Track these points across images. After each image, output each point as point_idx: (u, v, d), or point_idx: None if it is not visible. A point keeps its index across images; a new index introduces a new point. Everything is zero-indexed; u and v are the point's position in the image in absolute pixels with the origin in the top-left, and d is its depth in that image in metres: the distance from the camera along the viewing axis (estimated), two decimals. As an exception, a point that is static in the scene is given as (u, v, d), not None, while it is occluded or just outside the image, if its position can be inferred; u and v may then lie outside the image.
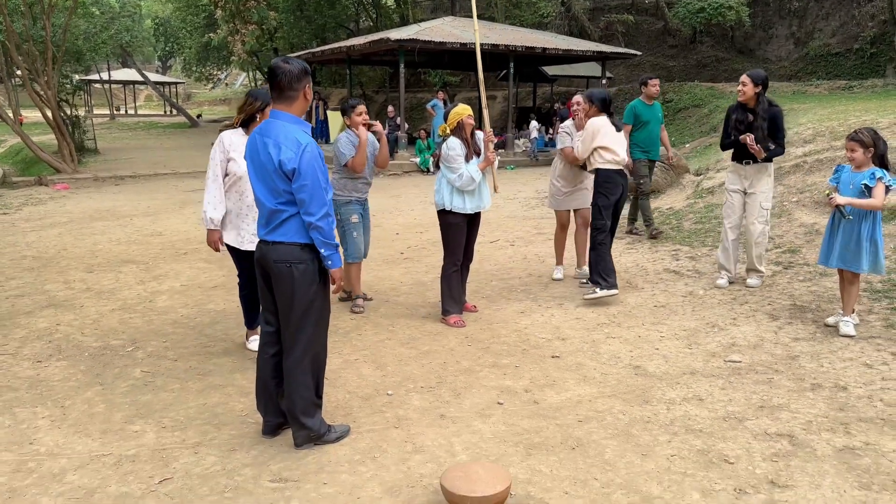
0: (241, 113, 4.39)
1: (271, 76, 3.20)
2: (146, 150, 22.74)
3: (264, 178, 3.20)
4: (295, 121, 3.22)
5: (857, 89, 18.04)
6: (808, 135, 9.30)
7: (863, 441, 3.34)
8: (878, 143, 4.60)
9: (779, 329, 4.88)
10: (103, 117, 38.41)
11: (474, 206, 5.26)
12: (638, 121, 7.88)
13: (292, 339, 3.31)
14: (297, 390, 3.34)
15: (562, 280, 6.43)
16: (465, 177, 5.10)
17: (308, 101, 3.29)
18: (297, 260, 3.22)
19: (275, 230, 3.23)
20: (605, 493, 2.99)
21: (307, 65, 3.29)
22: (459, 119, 5.19)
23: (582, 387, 4.09)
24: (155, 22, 42.20)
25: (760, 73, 5.75)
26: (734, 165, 5.91)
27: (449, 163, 5.17)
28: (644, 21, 27.04)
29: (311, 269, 3.26)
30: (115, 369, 4.46)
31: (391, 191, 13.07)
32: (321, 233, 3.18)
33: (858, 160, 4.64)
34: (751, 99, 5.70)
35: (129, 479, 3.15)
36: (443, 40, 16.38)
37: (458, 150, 5.15)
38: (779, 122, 5.65)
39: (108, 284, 6.49)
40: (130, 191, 13.53)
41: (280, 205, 3.19)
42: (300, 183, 3.11)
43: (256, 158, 3.23)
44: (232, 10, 23.82)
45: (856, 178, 4.64)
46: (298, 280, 3.23)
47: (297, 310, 3.26)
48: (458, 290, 5.41)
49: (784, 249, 6.61)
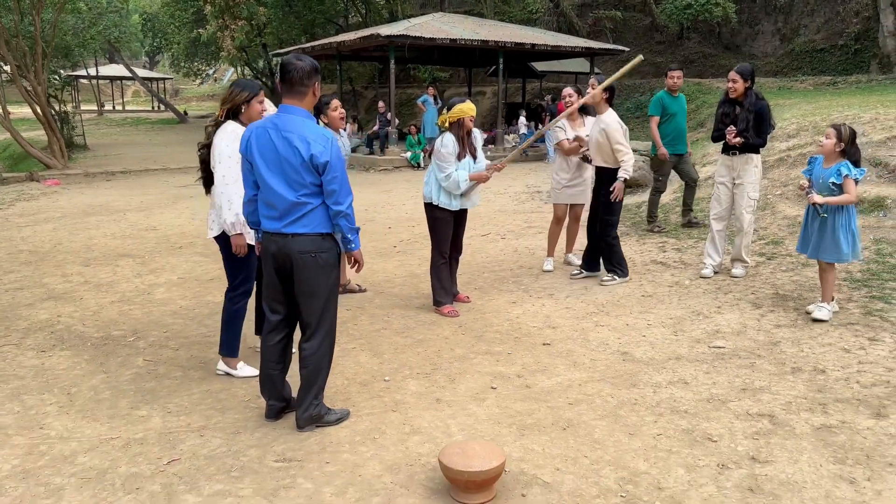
0: (227, 104, 4.03)
1: (283, 72, 3.31)
2: (135, 146, 22.73)
3: (285, 171, 3.26)
4: (309, 116, 3.35)
5: (842, 85, 18.29)
6: (791, 129, 9.50)
7: (839, 420, 3.51)
8: (850, 147, 4.74)
9: (761, 317, 5.05)
10: (91, 113, 38.22)
11: (460, 205, 5.32)
12: (665, 112, 7.63)
13: (316, 325, 3.45)
14: (317, 374, 3.50)
15: (551, 272, 6.58)
16: (453, 180, 5.14)
17: (317, 98, 3.41)
18: (321, 249, 3.37)
19: (296, 222, 3.31)
20: (595, 469, 3.14)
21: (317, 63, 3.40)
22: (461, 117, 5.14)
23: (572, 372, 4.24)
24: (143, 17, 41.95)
25: (748, 68, 5.93)
26: (723, 157, 6.08)
27: (440, 160, 5.18)
28: (632, 17, 27.23)
29: (333, 256, 3.43)
30: (119, 358, 4.57)
31: (383, 186, 13.19)
32: (349, 219, 3.36)
33: (827, 148, 4.76)
34: (741, 94, 5.88)
35: (139, 460, 3.27)
36: (432, 36, 16.48)
37: (451, 147, 5.14)
38: (765, 115, 5.82)
39: (105, 277, 6.59)
40: (122, 186, 13.57)
41: (303, 197, 3.28)
42: (332, 175, 3.25)
43: (272, 153, 3.27)
44: (221, 5, 23.80)
45: (825, 173, 4.80)
46: (322, 268, 3.38)
47: (321, 297, 3.41)
48: (448, 280, 5.51)
49: (768, 241, 6.80)
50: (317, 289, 3.39)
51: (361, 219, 9.04)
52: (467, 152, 5.25)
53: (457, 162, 5.18)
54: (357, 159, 17.52)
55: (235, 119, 4.03)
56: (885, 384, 3.87)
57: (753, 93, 5.87)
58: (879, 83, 16.61)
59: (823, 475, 3.04)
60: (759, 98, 5.86)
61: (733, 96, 5.92)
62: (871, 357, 4.23)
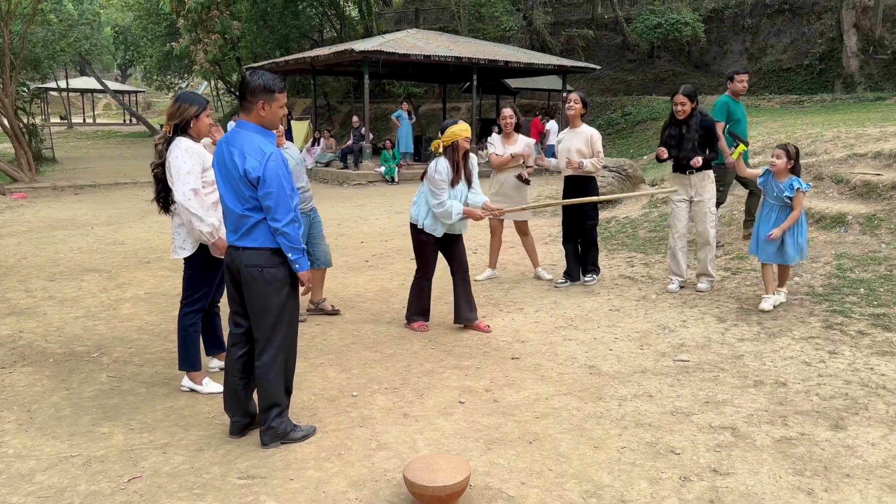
0: (175, 119, 3.92)
1: (238, 86, 3.36)
2: (105, 160, 22.48)
3: (231, 185, 3.33)
4: (258, 130, 3.34)
5: (808, 104, 18.73)
6: (757, 147, 9.70)
7: (799, 432, 3.58)
8: (797, 163, 5.44)
9: (725, 330, 5.13)
10: (61, 126, 37.73)
11: (443, 231, 5.16)
12: (729, 118, 7.03)
13: (266, 342, 3.43)
14: (269, 390, 3.46)
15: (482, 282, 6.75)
16: (446, 210, 4.96)
17: (263, 116, 3.32)
18: (268, 264, 3.35)
19: (244, 236, 3.36)
20: (559, 482, 3.16)
21: (277, 82, 3.33)
22: (456, 140, 4.97)
23: (540, 386, 4.26)
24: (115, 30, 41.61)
25: (692, 89, 6.07)
26: (677, 177, 6.15)
27: (434, 186, 4.97)
28: (603, 36, 27.64)
29: (282, 272, 3.39)
30: (81, 374, 4.50)
31: (356, 200, 13.18)
32: (287, 238, 3.32)
33: (780, 167, 5.39)
34: (688, 115, 5.97)
35: (99, 478, 3.22)
36: (407, 52, 16.57)
37: (445, 175, 4.94)
38: (713, 130, 5.99)
39: (70, 293, 6.49)
40: (90, 200, 13.40)
41: (247, 211, 3.32)
42: (266, 191, 3.25)
43: (223, 166, 3.35)
44: (194, 19, 23.68)
45: (780, 186, 5.40)
46: (270, 284, 3.36)
47: (271, 313, 3.39)
48: (427, 301, 5.39)
49: (732, 256, 6.91)
50: (265, 304, 3.37)
51: (334, 233, 9.02)
52: (461, 178, 5.05)
53: (450, 189, 5.00)
54: (331, 173, 17.51)
55: (184, 134, 3.97)
56: (844, 396, 3.95)
57: (698, 112, 6.00)
58: (843, 102, 17.04)
59: (782, 486, 3.09)
60: (703, 116, 6.01)
61: (681, 118, 5.98)
62: (831, 370, 4.32)
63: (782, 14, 24.48)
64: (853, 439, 3.47)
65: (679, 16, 22.98)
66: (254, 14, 26.61)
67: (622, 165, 10.65)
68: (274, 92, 3.33)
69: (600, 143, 6.34)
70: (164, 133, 4.03)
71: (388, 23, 31.19)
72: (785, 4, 24.42)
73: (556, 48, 25.63)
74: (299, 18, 28.36)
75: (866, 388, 4.04)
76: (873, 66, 19.93)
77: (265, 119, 3.36)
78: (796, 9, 24.19)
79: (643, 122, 19.92)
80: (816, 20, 23.34)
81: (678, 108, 5.98)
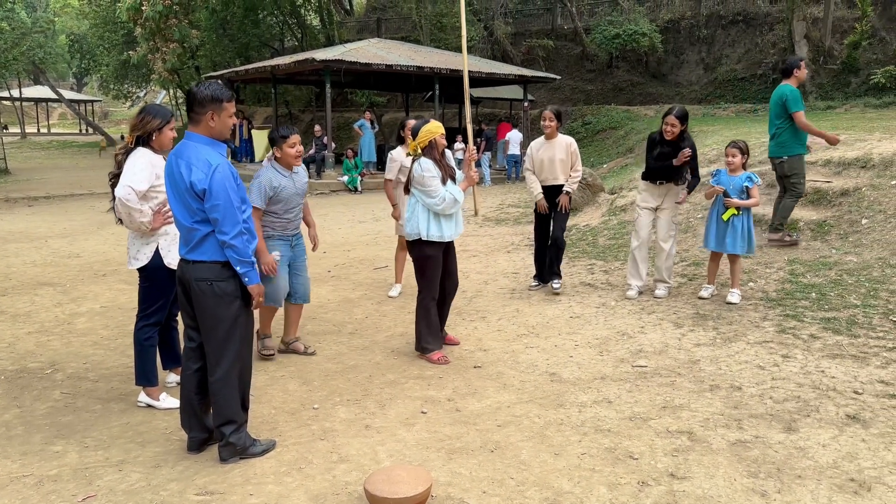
0: (137, 131, 3.93)
1: (185, 98, 3.33)
2: (60, 170, 21.97)
3: (179, 197, 3.30)
4: (207, 142, 3.32)
5: (762, 112, 19.22)
6: (713, 155, 9.92)
7: (753, 435, 3.66)
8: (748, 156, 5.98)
9: (682, 336, 5.23)
10: (14, 136, 36.79)
11: (452, 233, 4.83)
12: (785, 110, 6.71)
13: (218, 356, 3.38)
14: (224, 405, 3.41)
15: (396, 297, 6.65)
16: (448, 198, 4.65)
17: (214, 128, 3.30)
18: (218, 278, 3.32)
19: (194, 249, 3.32)
20: (520, 490, 3.18)
21: (225, 92, 3.33)
22: (432, 138, 4.72)
23: (502, 394, 4.29)
24: (70, 38, 40.82)
25: (684, 111, 6.05)
26: (648, 185, 6.23)
27: (425, 186, 4.67)
28: (563, 46, 28.03)
29: (233, 286, 3.35)
30: (34, 391, 4.39)
31: (319, 210, 13.10)
32: (235, 251, 3.28)
33: (736, 164, 5.89)
34: (677, 136, 5.99)
35: (52, 497, 3.14)
36: (368, 62, 16.59)
37: (434, 171, 4.67)
38: (695, 153, 6.05)
39: (23, 307, 6.33)
40: (45, 212, 13.08)
41: (195, 224, 3.29)
42: (212, 203, 3.21)
43: (172, 178, 3.32)
44: (152, 27, 23.37)
45: (734, 180, 5.89)
46: (221, 297, 3.32)
47: (222, 327, 3.35)
48: (438, 324, 4.98)
49: (689, 262, 7.05)
50: (216, 318, 3.34)
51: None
52: (447, 175, 4.77)
53: (443, 185, 4.72)
54: (293, 183, 17.36)
55: (146, 146, 3.97)
56: (796, 399, 4.05)
57: (688, 137, 6.07)
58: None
59: (737, 489, 3.15)
60: (689, 138, 6.08)
61: (669, 139, 5.99)
62: (784, 373, 4.43)
63: (736, 25, 25.13)
64: (805, 441, 3.57)
65: (637, 27, 23.45)
66: (213, 23, 26.36)
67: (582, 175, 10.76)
68: (222, 101, 3.31)
69: (578, 153, 6.51)
70: (125, 144, 4.02)
71: (349, 32, 31.13)
72: (739, 16, 25.08)
73: (517, 58, 25.91)
74: (260, 27, 28.17)
75: (818, 391, 4.15)
76: (823, 76, 20.57)
77: (214, 130, 3.33)
78: (750, 20, 24.85)
79: (603, 131, 20.24)
80: (769, 31, 24.01)
81: (668, 129, 5.96)
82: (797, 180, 6.80)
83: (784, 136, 6.75)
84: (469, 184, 4.96)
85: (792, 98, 6.64)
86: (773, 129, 6.85)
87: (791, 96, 6.65)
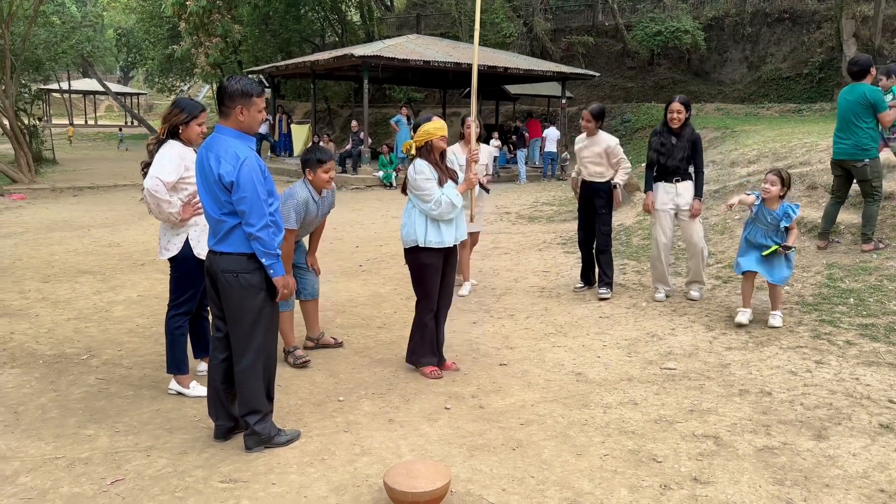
0: (167, 123, 4.05)
1: (216, 92, 3.40)
2: (106, 162, 22.53)
3: (209, 189, 3.36)
4: (236, 135, 3.36)
5: (806, 112, 18.79)
6: (752, 156, 9.73)
7: (781, 441, 3.59)
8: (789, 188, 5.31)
9: (714, 339, 5.14)
10: (62, 127, 37.79)
11: (453, 238, 4.45)
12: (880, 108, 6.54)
13: (243, 347, 3.44)
14: (250, 396, 3.47)
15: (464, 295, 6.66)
16: (445, 202, 4.28)
17: (243, 122, 3.35)
18: (244, 270, 3.36)
19: (221, 241, 3.38)
20: (540, 489, 3.17)
21: (255, 86, 3.38)
22: (430, 139, 4.35)
23: (526, 392, 4.28)
24: (117, 32, 41.72)
25: (687, 98, 6.02)
26: (664, 185, 6.09)
27: (419, 189, 4.31)
28: (604, 43, 27.72)
29: (258, 278, 3.40)
30: (70, 376, 4.52)
31: (353, 205, 13.21)
32: (261, 243, 3.32)
33: (773, 195, 5.26)
34: (681, 125, 5.94)
35: (82, 480, 3.23)
36: (406, 58, 16.63)
37: (428, 172, 4.31)
38: (699, 147, 5.96)
39: (63, 294, 6.51)
40: (89, 202, 13.43)
41: (223, 216, 3.34)
42: (239, 195, 3.27)
43: (202, 171, 3.38)
44: (196, 22, 23.75)
45: (773, 213, 5.30)
46: (246, 289, 3.37)
47: (247, 318, 3.40)
48: (435, 340, 4.60)
49: (724, 265, 6.93)
50: (241, 310, 3.39)
51: (329, 237, 9.04)
52: (447, 177, 4.41)
53: (440, 188, 4.34)
54: (329, 178, 17.53)
55: (176, 138, 4.07)
56: (828, 406, 3.96)
57: (690, 125, 5.98)
58: (841, 111, 17.04)
59: (762, 496, 3.10)
60: (693, 129, 5.99)
61: (675, 126, 5.92)
62: (817, 380, 4.33)
63: (782, 23, 24.55)
64: (835, 449, 3.48)
65: (679, 24, 23.06)
66: (255, 18, 26.70)
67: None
68: (252, 96, 3.35)
69: (617, 151, 6.25)
70: (157, 135, 4.13)
71: (389, 28, 31.29)
72: (785, 14, 24.50)
73: (557, 55, 25.69)
74: (301, 23, 28.47)
75: (851, 399, 4.05)
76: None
77: (244, 124, 3.38)
78: (796, 18, 24.26)
79: (642, 129, 19.98)
80: (816, 29, 23.40)
81: (673, 116, 5.93)
82: (878, 183, 6.60)
83: (867, 139, 6.51)
84: (468, 186, 4.55)
85: (880, 98, 6.48)
86: (853, 130, 6.55)
87: (879, 96, 6.48)
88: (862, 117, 6.49)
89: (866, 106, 6.47)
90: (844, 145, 6.66)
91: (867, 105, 6.46)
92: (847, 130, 6.61)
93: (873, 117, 6.47)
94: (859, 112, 6.50)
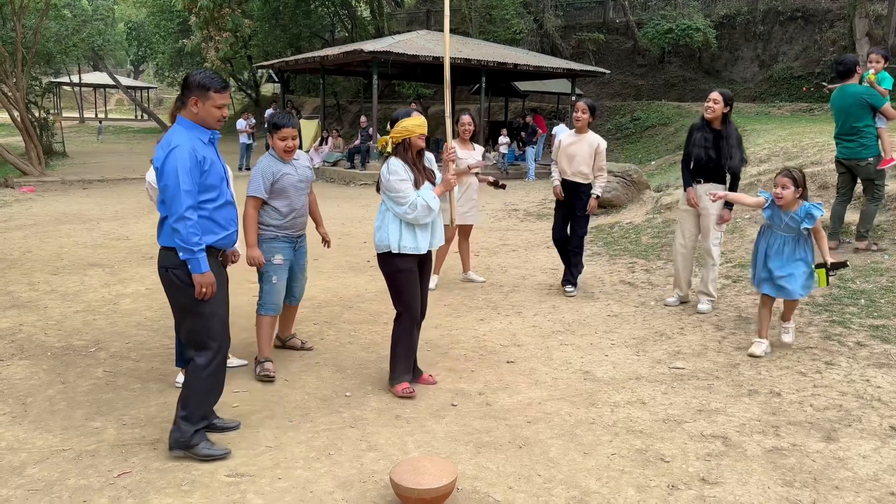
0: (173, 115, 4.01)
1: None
2: (115, 155, 22.61)
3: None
4: (189, 126, 3.30)
5: (818, 112, 18.64)
6: (763, 154, 9.66)
7: (790, 442, 3.56)
8: (805, 188, 4.66)
9: (723, 339, 5.11)
10: (72, 120, 37.98)
11: (428, 244, 4.11)
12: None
13: (185, 343, 3.44)
14: (190, 395, 3.37)
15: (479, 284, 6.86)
16: (420, 206, 3.92)
17: (197, 114, 3.28)
18: (173, 265, 3.28)
19: (159, 233, 3.34)
20: (547, 487, 3.16)
21: (216, 81, 3.28)
22: (407, 136, 4.01)
23: (533, 390, 4.26)
24: (128, 26, 41.89)
25: (729, 93, 5.72)
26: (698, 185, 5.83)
27: (392, 191, 3.94)
28: (614, 40, 27.62)
29: (187, 274, 3.25)
30: (78, 369, 4.53)
31: (361, 200, 13.21)
32: (177, 236, 3.17)
33: (787, 199, 4.60)
34: (718, 118, 5.64)
35: (89, 472, 3.24)
36: (416, 53, 16.61)
37: (403, 173, 3.94)
38: (739, 141, 5.70)
39: (72, 287, 6.53)
40: (98, 195, 13.48)
41: (160, 206, 3.31)
42: (162, 183, 3.19)
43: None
44: (206, 16, 23.83)
45: (787, 215, 4.66)
46: (178, 286, 3.28)
47: (181, 315, 3.38)
48: (413, 355, 4.26)
49: (734, 264, 6.88)
50: (176, 306, 3.36)
51: (337, 232, 9.04)
52: (424, 178, 4.06)
53: (416, 190, 3.99)
54: (338, 173, 17.56)
55: None
56: (838, 408, 3.92)
57: (732, 123, 5.72)
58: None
59: (770, 497, 3.07)
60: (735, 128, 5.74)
61: (709, 115, 5.61)
62: (826, 381, 4.29)
63: (794, 21, 24.39)
64: (844, 451, 3.45)
65: (690, 22, 22.94)
66: (266, 12, 26.74)
67: (627, 171, 10.62)
68: (209, 90, 3.25)
69: (604, 155, 6.21)
70: (168, 127, 4.10)
71: (399, 23, 31.24)
72: (798, 12, 24.34)
73: (567, 52, 25.62)
74: (311, 18, 28.48)
75: (861, 400, 4.01)
76: (885, 76, 19.81)
77: (198, 116, 3.29)
78: (809, 16, 24.10)
79: (652, 127, 19.90)
80: (829, 28, 23.24)
81: (709, 105, 5.58)
82: (882, 182, 6.57)
83: (870, 137, 6.47)
84: (446, 188, 4.14)
85: (875, 95, 6.44)
86: (854, 131, 6.50)
87: (874, 95, 6.45)
88: (860, 118, 6.49)
89: (863, 106, 6.47)
90: (847, 146, 6.65)
91: (864, 105, 6.46)
92: (848, 132, 6.61)
93: (871, 116, 6.47)
94: (857, 113, 6.51)
